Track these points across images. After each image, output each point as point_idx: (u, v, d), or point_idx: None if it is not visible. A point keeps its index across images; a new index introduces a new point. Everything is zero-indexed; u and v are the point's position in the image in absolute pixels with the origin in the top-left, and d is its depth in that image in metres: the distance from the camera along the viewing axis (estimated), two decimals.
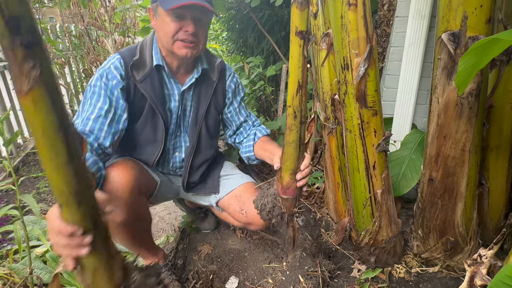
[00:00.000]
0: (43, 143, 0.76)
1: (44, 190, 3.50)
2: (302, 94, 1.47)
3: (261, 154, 2.03)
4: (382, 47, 3.01)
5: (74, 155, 0.81)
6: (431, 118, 1.73)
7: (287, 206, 1.72)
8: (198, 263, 2.26)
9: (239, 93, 2.17)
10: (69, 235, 0.94)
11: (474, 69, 1.16)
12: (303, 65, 1.42)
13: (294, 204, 1.74)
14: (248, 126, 2.18)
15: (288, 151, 1.60)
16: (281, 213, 1.75)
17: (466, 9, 1.42)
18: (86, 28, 4.66)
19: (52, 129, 0.76)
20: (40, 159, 0.82)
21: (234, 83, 2.12)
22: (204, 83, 1.98)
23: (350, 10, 1.50)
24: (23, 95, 0.69)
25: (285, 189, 1.68)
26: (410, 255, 2.11)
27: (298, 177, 1.64)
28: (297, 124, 1.53)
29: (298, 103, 1.49)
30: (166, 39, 1.73)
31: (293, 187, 1.67)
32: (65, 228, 0.93)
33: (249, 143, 2.10)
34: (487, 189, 1.97)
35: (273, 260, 2.25)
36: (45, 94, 0.72)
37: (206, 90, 1.99)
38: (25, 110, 0.72)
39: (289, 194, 1.69)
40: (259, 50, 4.57)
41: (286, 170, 1.64)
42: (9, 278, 1.93)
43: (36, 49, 0.68)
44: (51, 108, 0.75)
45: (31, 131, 0.76)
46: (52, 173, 0.80)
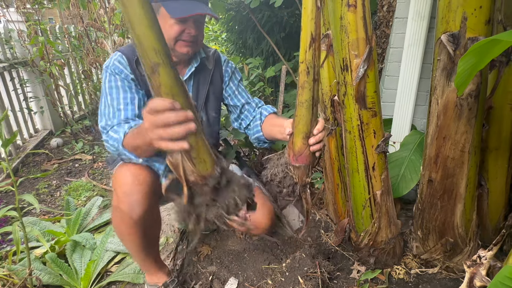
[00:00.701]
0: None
1: (44, 191, 3.50)
2: (315, 48, 1.42)
3: (269, 131, 1.96)
4: (382, 48, 3.01)
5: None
6: (431, 119, 1.73)
7: (299, 175, 1.55)
8: (198, 264, 2.26)
9: (236, 76, 2.20)
10: (170, 108, 1.04)
11: (474, 70, 1.16)
12: (316, 16, 1.39)
13: (307, 173, 1.55)
14: (252, 108, 2.15)
15: (300, 112, 1.48)
16: (293, 183, 1.58)
17: (465, 10, 1.43)
18: (85, 29, 4.66)
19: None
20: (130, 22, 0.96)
21: (230, 67, 2.16)
22: (202, 72, 2.02)
23: (349, 11, 1.50)
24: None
25: (297, 156, 1.52)
26: (410, 256, 2.11)
27: (311, 141, 1.48)
28: (310, 81, 1.43)
29: (312, 57, 1.39)
30: (168, 38, 1.76)
31: (306, 154, 1.51)
32: (164, 101, 1.04)
33: (256, 123, 2.06)
34: (487, 190, 1.97)
35: (272, 261, 2.25)
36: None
37: (204, 78, 2.03)
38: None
39: (301, 161, 1.52)
40: (258, 51, 4.57)
41: (298, 134, 1.50)
42: (9, 279, 1.93)
43: None
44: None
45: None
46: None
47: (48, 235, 2.50)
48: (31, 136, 4.87)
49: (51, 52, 4.58)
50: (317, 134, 1.47)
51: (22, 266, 2.10)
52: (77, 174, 3.95)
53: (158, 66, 1.02)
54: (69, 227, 2.58)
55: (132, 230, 1.71)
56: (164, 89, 1.06)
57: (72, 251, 2.32)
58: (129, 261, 2.28)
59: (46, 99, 4.90)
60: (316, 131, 1.47)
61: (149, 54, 1.01)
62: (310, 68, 1.40)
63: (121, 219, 1.69)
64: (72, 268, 2.19)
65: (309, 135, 1.48)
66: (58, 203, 3.29)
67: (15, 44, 4.59)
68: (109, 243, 2.35)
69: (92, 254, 2.27)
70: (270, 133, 1.96)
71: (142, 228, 1.72)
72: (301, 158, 1.51)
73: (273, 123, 1.95)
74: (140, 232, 1.74)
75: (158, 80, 1.05)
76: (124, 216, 1.66)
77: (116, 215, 1.72)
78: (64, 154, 4.51)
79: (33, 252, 2.30)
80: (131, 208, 1.65)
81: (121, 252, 2.36)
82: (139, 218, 1.66)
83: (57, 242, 2.37)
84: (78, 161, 4.31)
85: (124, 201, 1.65)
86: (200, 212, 1.25)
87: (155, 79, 1.05)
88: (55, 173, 3.98)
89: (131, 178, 1.67)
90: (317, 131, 1.47)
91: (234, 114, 2.21)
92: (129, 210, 1.65)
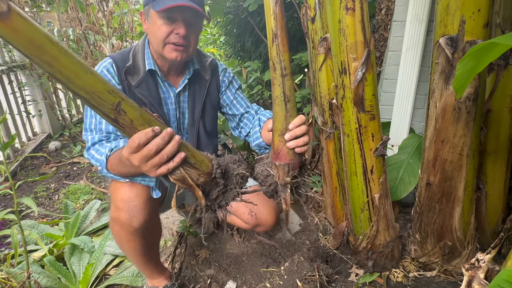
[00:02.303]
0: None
1: (42, 195, 3.50)
2: (279, 43, 1.42)
3: (268, 135, 1.88)
4: (380, 51, 3.01)
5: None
6: (429, 123, 1.73)
7: (279, 174, 1.50)
8: (196, 267, 2.26)
9: (234, 85, 2.16)
10: (154, 134, 1.08)
11: (472, 73, 1.16)
12: (274, 12, 1.39)
13: (287, 173, 1.49)
14: (251, 116, 2.12)
15: (274, 109, 1.46)
16: (274, 182, 1.53)
17: (463, 13, 1.43)
18: (84, 33, 4.66)
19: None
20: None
21: (227, 77, 2.12)
22: (197, 83, 1.99)
23: (347, 15, 1.50)
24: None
25: (276, 154, 1.49)
26: (408, 259, 2.11)
27: (286, 137, 1.42)
28: (277, 77, 1.41)
29: (276, 53, 1.39)
30: (157, 42, 1.74)
31: (284, 152, 1.46)
32: (144, 132, 1.07)
33: (255, 130, 2.04)
34: (485, 194, 1.97)
35: (271, 265, 2.25)
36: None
37: (200, 89, 2.00)
38: None
39: (280, 159, 1.48)
40: (256, 54, 4.57)
41: (275, 131, 1.47)
42: (7, 283, 1.92)
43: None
44: None
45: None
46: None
47: (46, 238, 2.49)
48: (30, 139, 4.87)
49: None
50: (292, 129, 1.41)
51: (20, 269, 2.09)
52: (75, 177, 3.95)
53: (120, 105, 1.03)
54: (68, 230, 2.57)
55: (132, 238, 1.70)
56: (137, 122, 1.09)
57: (71, 254, 2.32)
58: (127, 264, 2.28)
59: (44, 102, 4.90)
60: (291, 126, 1.41)
61: (106, 97, 1.01)
62: (276, 64, 1.40)
63: (121, 227, 1.67)
64: (70, 271, 2.19)
65: (285, 132, 1.44)
66: (56, 206, 3.29)
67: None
68: (107, 246, 2.35)
69: (91, 257, 2.27)
70: (268, 137, 1.91)
71: (142, 235, 1.71)
72: (279, 156, 1.47)
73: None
74: (141, 240, 1.73)
75: (127, 117, 1.06)
76: (124, 224, 1.65)
77: (115, 225, 1.70)
78: (62, 157, 4.51)
79: (31, 255, 2.30)
80: (131, 215, 1.63)
81: (119, 255, 2.36)
82: (139, 226, 1.65)
83: (55, 245, 2.37)
84: (76, 164, 4.30)
85: (124, 208, 1.63)
86: (220, 202, 1.34)
87: (123, 118, 1.06)
88: (53, 176, 3.97)
89: (129, 186, 1.66)
90: (292, 126, 1.41)
91: (233, 123, 2.19)
92: (128, 218, 1.63)
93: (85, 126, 1.74)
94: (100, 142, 1.68)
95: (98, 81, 0.99)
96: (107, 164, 1.57)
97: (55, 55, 0.90)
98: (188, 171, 1.20)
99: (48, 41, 0.88)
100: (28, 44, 0.86)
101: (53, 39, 0.89)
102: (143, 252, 1.80)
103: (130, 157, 1.13)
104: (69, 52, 0.93)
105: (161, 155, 1.10)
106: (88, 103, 1.00)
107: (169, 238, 2.60)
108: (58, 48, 0.90)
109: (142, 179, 1.67)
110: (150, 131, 1.07)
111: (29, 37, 0.86)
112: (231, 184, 1.35)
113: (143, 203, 1.65)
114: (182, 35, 1.70)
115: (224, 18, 4.87)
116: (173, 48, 1.73)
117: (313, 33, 2.07)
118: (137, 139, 1.07)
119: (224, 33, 5.49)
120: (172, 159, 1.14)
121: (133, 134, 1.09)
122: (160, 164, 1.12)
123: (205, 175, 1.26)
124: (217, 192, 1.32)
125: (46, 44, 0.88)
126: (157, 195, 1.72)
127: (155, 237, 1.89)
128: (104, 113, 1.03)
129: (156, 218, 1.85)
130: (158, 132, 1.09)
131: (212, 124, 2.09)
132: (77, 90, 0.96)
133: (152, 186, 1.71)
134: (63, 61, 0.91)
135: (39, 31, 0.87)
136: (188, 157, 1.19)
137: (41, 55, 0.88)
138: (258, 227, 2.11)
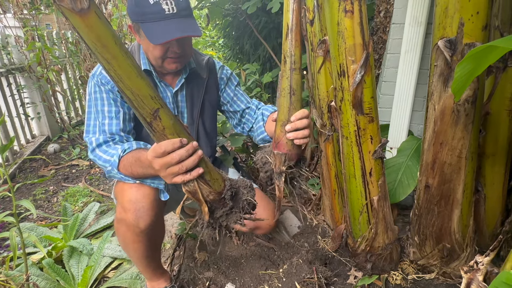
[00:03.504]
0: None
1: (41, 197, 3.50)
2: (292, 38, 1.46)
3: (273, 128, 1.88)
4: (379, 54, 3.02)
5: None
6: (428, 125, 1.73)
7: (276, 162, 1.58)
8: (195, 270, 2.26)
9: (233, 81, 2.17)
10: (181, 145, 1.15)
11: (471, 76, 1.16)
12: (292, 8, 1.42)
13: (283, 162, 1.56)
14: (253, 111, 2.14)
15: (279, 101, 1.55)
16: (270, 170, 1.61)
17: (462, 16, 1.43)
18: None
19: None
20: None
21: (225, 74, 2.13)
22: (195, 82, 1.99)
23: (346, 17, 1.50)
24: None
25: (276, 143, 1.56)
26: (407, 261, 2.10)
27: (287, 128, 1.48)
28: (287, 70, 1.50)
29: (288, 47, 1.47)
30: (153, 58, 1.76)
31: (283, 142, 1.53)
32: (172, 141, 1.15)
33: (259, 125, 2.07)
34: (484, 196, 1.97)
35: (269, 267, 2.24)
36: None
37: (198, 88, 2.00)
38: None
39: (279, 149, 1.55)
40: (255, 57, 4.58)
41: (278, 121, 1.55)
42: (6, 285, 1.92)
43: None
44: None
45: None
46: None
47: (45, 241, 2.49)
48: (28, 141, 4.87)
49: (48, 57, 4.58)
50: (294, 121, 1.47)
51: (19, 271, 2.09)
52: (74, 180, 3.95)
53: (158, 111, 1.10)
54: (66, 232, 2.57)
55: (138, 239, 1.70)
56: (168, 131, 1.15)
57: (69, 256, 2.31)
58: (126, 267, 2.28)
59: (43, 105, 4.90)
60: (293, 118, 1.48)
61: (147, 102, 1.07)
62: (287, 57, 1.47)
63: (127, 228, 1.66)
64: (69, 274, 2.19)
65: (286, 123, 1.51)
66: (55, 209, 3.29)
67: (12, 49, 4.59)
68: (106, 249, 2.35)
69: (89, 259, 2.27)
70: (273, 130, 1.94)
71: (148, 237, 1.70)
72: (279, 145, 1.54)
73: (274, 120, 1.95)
74: (146, 241, 1.72)
75: (161, 124, 1.13)
76: (130, 225, 1.64)
77: (120, 226, 1.69)
78: (61, 159, 4.51)
79: (30, 258, 2.30)
80: (138, 216, 1.62)
81: (118, 258, 2.35)
82: (146, 227, 1.65)
83: (54, 248, 2.37)
84: (75, 167, 4.30)
85: (130, 209, 1.63)
86: (222, 222, 1.39)
87: (157, 124, 1.12)
88: (52, 178, 3.97)
89: (136, 187, 1.66)
90: (294, 118, 1.48)
91: (235, 120, 2.20)
92: (135, 219, 1.62)
93: (88, 128, 1.75)
94: (107, 144, 1.69)
95: (145, 86, 1.06)
96: (119, 164, 1.58)
97: (115, 54, 0.98)
98: (201, 186, 1.26)
99: (113, 42, 0.97)
100: (96, 41, 0.95)
101: (117, 39, 0.98)
102: (146, 254, 1.80)
103: (153, 160, 1.20)
104: (128, 54, 1.01)
105: (181, 166, 1.17)
106: (130, 103, 1.07)
107: (168, 241, 2.60)
108: (119, 49, 0.98)
109: (152, 181, 1.68)
110: (178, 141, 1.15)
111: (98, 35, 0.94)
112: (237, 208, 1.39)
113: (150, 205, 1.65)
114: (178, 51, 1.72)
115: (223, 21, 4.87)
116: (172, 61, 1.76)
117: (312, 35, 2.07)
118: (163, 146, 1.15)
119: (223, 36, 5.49)
120: (190, 171, 1.20)
121: (161, 140, 1.16)
122: (177, 174, 1.19)
123: (216, 194, 1.30)
124: (222, 212, 1.36)
125: (111, 44, 0.97)
126: (165, 198, 1.74)
127: (159, 239, 1.89)
128: (141, 115, 1.10)
129: (161, 220, 1.85)
130: (185, 144, 1.17)
131: (211, 123, 2.10)
132: (124, 89, 1.04)
133: (161, 189, 1.72)
134: (121, 61, 1.00)
135: (108, 32, 0.96)
136: (205, 173, 1.25)
137: (103, 53, 0.97)
138: (258, 230, 2.12)
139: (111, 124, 1.71)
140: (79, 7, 0.89)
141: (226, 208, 1.36)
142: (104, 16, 0.95)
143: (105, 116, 1.72)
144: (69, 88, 5.47)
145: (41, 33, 4.63)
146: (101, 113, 1.73)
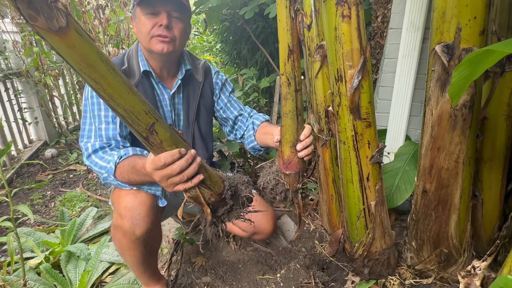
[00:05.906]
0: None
1: (38, 202, 3.49)
2: (294, 59, 1.45)
3: (263, 139, 1.98)
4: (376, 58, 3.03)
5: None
6: (425, 130, 1.73)
7: (290, 182, 1.64)
8: (192, 275, 2.25)
9: (227, 88, 2.18)
10: (180, 156, 1.15)
11: (468, 80, 1.16)
12: (291, 27, 1.41)
13: (298, 180, 1.64)
14: (245, 119, 2.16)
15: (286, 123, 1.55)
16: (285, 190, 1.67)
17: (459, 20, 1.43)
18: None
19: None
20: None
21: (220, 79, 2.14)
22: (191, 85, 2.00)
23: (344, 22, 1.50)
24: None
25: (287, 164, 1.60)
26: (404, 266, 2.10)
27: (299, 147, 1.56)
28: (291, 92, 1.50)
29: (291, 69, 1.46)
30: (143, 37, 1.75)
31: (295, 161, 1.59)
32: (171, 153, 1.15)
33: (249, 133, 2.08)
34: (481, 201, 1.97)
35: (267, 272, 2.24)
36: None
37: (194, 91, 2.01)
38: None
39: (291, 169, 1.60)
40: (253, 62, 4.59)
41: (286, 143, 1.58)
42: None
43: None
44: None
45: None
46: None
47: (42, 246, 2.48)
48: (26, 146, 4.86)
49: (46, 62, 4.58)
50: (303, 139, 1.54)
51: (16, 276, 2.08)
52: (71, 185, 3.94)
53: (154, 126, 1.08)
54: (64, 237, 2.57)
55: (134, 246, 1.69)
56: (166, 143, 1.14)
57: (67, 261, 2.31)
58: (123, 272, 2.27)
59: (40, 110, 4.90)
60: (303, 137, 1.54)
61: (142, 118, 1.04)
62: (290, 79, 1.46)
63: (123, 235, 1.66)
64: (66, 279, 2.18)
65: (296, 143, 1.55)
66: (52, 214, 3.28)
67: (9, 54, 4.59)
68: (103, 254, 2.34)
69: (87, 264, 2.26)
70: (264, 141, 1.98)
71: (144, 244, 1.70)
72: (290, 166, 1.59)
73: (265, 132, 1.98)
74: (142, 248, 1.72)
75: (158, 138, 1.11)
76: (127, 232, 1.63)
77: (117, 232, 1.69)
78: (58, 164, 4.50)
79: (27, 262, 2.29)
80: (134, 223, 1.62)
81: (115, 263, 2.35)
82: (142, 234, 1.64)
83: (51, 253, 2.36)
84: (73, 172, 4.29)
85: (127, 216, 1.62)
86: (224, 219, 1.42)
87: (154, 138, 1.11)
88: (49, 183, 3.96)
89: (133, 194, 1.66)
90: (304, 137, 1.54)
91: (228, 127, 2.21)
92: (131, 226, 1.62)
93: (83, 133, 1.74)
94: (103, 150, 1.68)
95: (138, 102, 1.02)
96: (116, 171, 1.57)
97: (103, 73, 0.92)
98: (202, 190, 1.28)
99: (99, 60, 0.90)
100: (81, 61, 0.88)
101: (103, 56, 0.91)
102: (142, 260, 1.79)
103: (153, 173, 1.21)
104: (117, 70, 0.96)
105: (182, 176, 1.18)
106: (124, 120, 1.04)
107: (165, 246, 2.60)
108: (107, 67, 0.92)
109: (149, 188, 1.68)
110: (176, 153, 1.15)
111: (82, 54, 0.87)
112: (237, 204, 1.42)
113: (146, 212, 1.64)
114: (165, 25, 1.70)
115: (220, 26, 4.88)
116: (159, 40, 1.73)
117: (309, 40, 2.07)
118: (163, 159, 1.15)
119: (220, 41, 5.50)
120: (191, 179, 1.21)
121: (160, 153, 1.15)
122: (179, 183, 1.20)
123: (217, 195, 1.32)
124: (223, 210, 1.38)
125: (97, 62, 0.90)
126: (163, 204, 1.74)
127: (155, 245, 1.89)
128: (137, 131, 1.07)
129: (158, 227, 1.85)
130: (184, 154, 1.17)
131: (206, 127, 2.10)
132: (116, 108, 1.00)
133: (159, 195, 1.72)
134: (110, 80, 0.94)
135: (93, 50, 0.89)
136: (205, 179, 1.26)
137: (90, 73, 0.91)
138: (256, 235, 2.11)
139: (108, 129, 1.71)
140: (57, 26, 0.82)
141: (227, 206, 1.38)
142: (85, 31, 0.90)
143: (101, 121, 1.71)
144: (67, 93, 5.46)
145: (39, 38, 4.63)
146: (97, 118, 1.72)
